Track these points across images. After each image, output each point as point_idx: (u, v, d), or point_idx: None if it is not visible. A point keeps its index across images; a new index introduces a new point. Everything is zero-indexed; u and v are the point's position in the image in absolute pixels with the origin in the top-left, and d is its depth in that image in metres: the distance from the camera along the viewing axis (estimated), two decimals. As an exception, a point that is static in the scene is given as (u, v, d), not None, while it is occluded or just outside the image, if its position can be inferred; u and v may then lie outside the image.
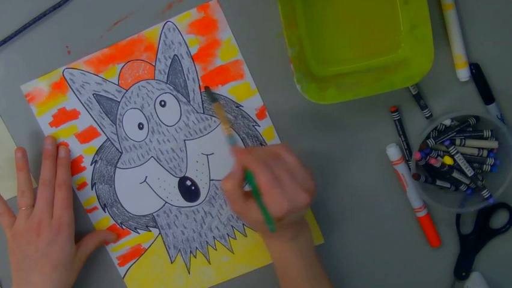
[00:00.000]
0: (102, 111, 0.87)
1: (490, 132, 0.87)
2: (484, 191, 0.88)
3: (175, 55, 0.86)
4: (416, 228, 0.94)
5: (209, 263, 0.94)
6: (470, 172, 0.88)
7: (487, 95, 0.88)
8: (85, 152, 0.89)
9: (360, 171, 0.92)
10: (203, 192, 0.91)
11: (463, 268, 0.95)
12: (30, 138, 0.88)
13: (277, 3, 0.79)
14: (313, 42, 0.85)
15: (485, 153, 0.88)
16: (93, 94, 0.87)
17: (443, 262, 0.95)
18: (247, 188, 0.79)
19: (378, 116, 0.90)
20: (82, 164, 0.89)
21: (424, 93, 0.89)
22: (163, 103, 0.87)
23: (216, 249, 0.93)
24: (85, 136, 0.88)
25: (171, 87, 0.87)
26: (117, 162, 0.89)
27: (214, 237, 0.93)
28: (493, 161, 0.88)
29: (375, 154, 0.91)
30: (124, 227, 0.91)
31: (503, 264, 0.96)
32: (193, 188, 0.90)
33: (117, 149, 0.89)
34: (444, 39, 0.87)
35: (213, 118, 0.88)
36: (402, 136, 0.90)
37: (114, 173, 0.89)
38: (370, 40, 0.86)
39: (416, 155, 0.85)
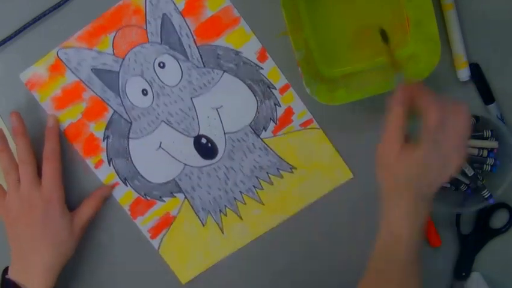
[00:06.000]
0: (103, 85, 0.87)
1: (490, 132, 0.87)
2: (484, 191, 0.87)
3: (163, 14, 0.85)
4: (416, 228, 0.93)
5: (241, 218, 0.92)
6: (470, 172, 0.87)
7: (487, 95, 0.89)
8: (94, 129, 0.88)
9: (360, 171, 0.91)
10: (220, 148, 0.89)
11: (463, 268, 0.95)
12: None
13: (281, 8, 0.79)
14: (319, 43, 0.85)
15: (485, 153, 0.88)
16: (91, 69, 0.86)
17: (443, 262, 0.95)
18: None
19: (378, 116, 0.87)
20: (95, 142, 0.88)
21: (424, 93, 0.88)
22: (162, 64, 0.86)
23: (245, 204, 0.91)
24: (92, 113, 0.87)
25: (167, 47, 0.86)
26: (128, 133, 0.88)
27: (241, 192, 0.91)
28: (493, 161, 0.88)
29: (375, 154, 0.89)
30: (148, 198, 0.90)
31: (503, 264, 0.95)
32: (209, 145, 0.89)
33: (126, 120, 0.88)
34: (444, 39, 0.86)
35: (215, 70, 0.87)
36: (402, 136, 0.89)
37: (128, 144, 0.88)
38: (377, 38, 0.84)
39: None
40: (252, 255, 0.93)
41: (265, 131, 0.89)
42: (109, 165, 0.89)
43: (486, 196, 0.87)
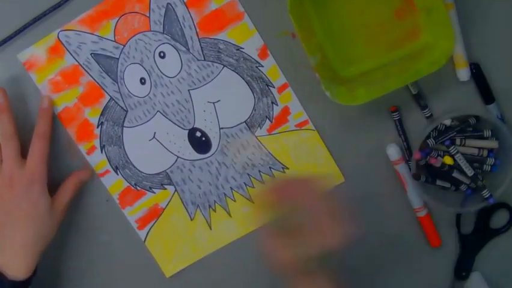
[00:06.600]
0: (102, 71, 0.86)
1: (490, 132, 0.87)
2: (484, 191, 0.87)
3: (168, 3, 0.85)
4: (416, 228, 0.93)
5: (229, 215, 0.91)
6: (470, 172, 0.87)
7: (487, 95, 0.89)
8: (89, 115, 0.87)
9: (360, 171, 0.91)
10: (214, 142, 0.89)
11: (463, 268, 0.95)
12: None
13: (290, 17, 0.78)
14: (333, 45, 0.85)
15: (485, 153, 0.88)
16: (91, 54, 0.85)
17: (443, 262, 0.95)
18: None
19: (378, 116, 0.89)
20: (89, 128, 0.87)
21: (424, 93, 0.88)
22: (162, 54, 0.86)
23: (234, 201, 0.91)
24: (88, 98, 0.87)
25: (168, 37, 0.85)
26: (123, 121, 0.87)
27: (231, 188, 0.91)
28: (493, 161, 0.88)
29: (375, 154, 0.90)
30: (138, 188, 0.90)
31: (503, 264, 0.95)
32: (203, 139, 0.89)
33: (122, 108, 0.87)
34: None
35: (215, 64, 0.87)
36: (402, 136, 0.89)
37: (122, 132, 0.88)
38: (389, 31, 0.85)
39: (416, 155, 0.85)
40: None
41: (260, 128, 0.89)
42: (101, 152, 0.88)
43: (486, 196, 0.87)
